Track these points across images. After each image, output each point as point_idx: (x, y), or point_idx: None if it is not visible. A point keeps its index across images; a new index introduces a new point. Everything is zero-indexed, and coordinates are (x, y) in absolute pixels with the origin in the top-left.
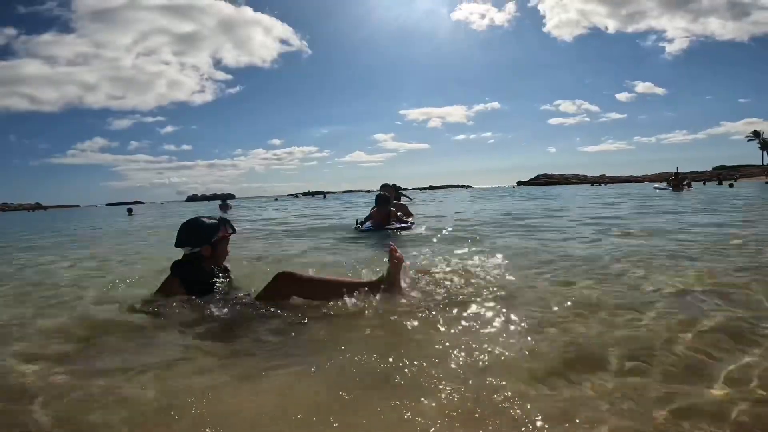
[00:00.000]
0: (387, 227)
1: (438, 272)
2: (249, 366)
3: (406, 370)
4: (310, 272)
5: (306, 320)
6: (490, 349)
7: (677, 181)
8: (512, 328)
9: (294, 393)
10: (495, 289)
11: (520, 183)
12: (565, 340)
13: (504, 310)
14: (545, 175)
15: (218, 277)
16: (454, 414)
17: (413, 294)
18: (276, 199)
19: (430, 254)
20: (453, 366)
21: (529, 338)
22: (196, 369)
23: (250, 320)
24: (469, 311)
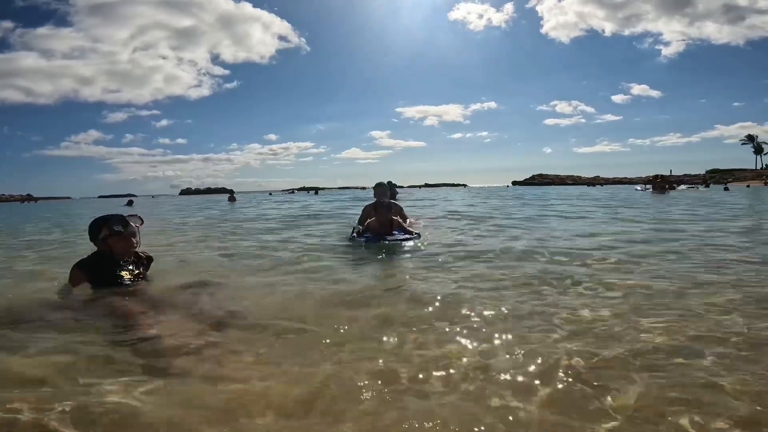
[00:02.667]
0: (389, 238)
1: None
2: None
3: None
4: None
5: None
6: None
7: (660, 183)
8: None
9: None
10: None
11: (515, 183)
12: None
13: None
14: (540, 176)
15: (127, 270)
16: None
17: None
18: (270, 194)
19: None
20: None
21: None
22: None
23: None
24: None
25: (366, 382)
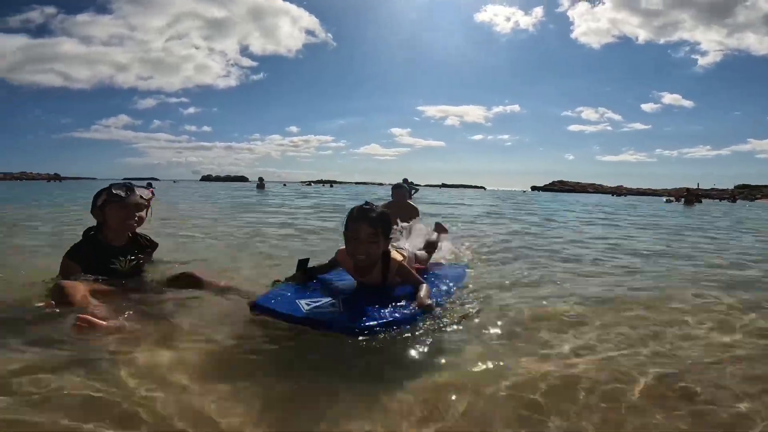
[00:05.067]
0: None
1: None
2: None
3: None
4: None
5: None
6: None
7: (690, 196)
8: None
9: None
10: None
11: (534, 188)
12: None
13: None
14: (560, 182)
15: (121, 259)
16: None
17: None
18: (285, 185)
19: None
20: None
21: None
22: None
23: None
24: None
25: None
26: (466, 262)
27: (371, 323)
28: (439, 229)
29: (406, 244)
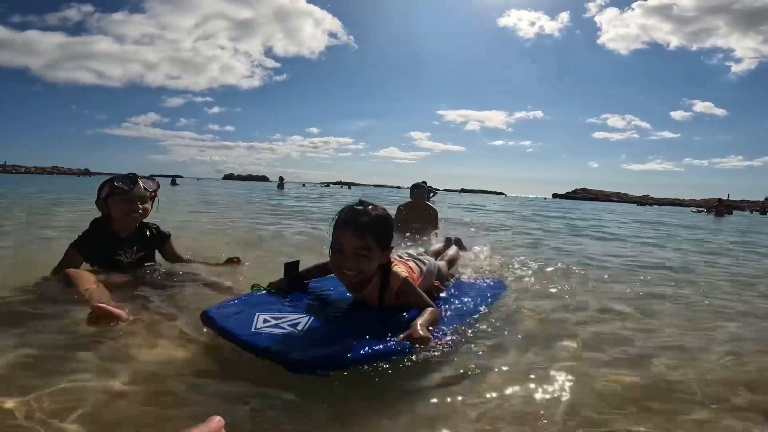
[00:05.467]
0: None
1: None
2: None
3: None
4: None
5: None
6: None
7: (721, 207)
8: None
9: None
10: None
11: (555, 195)
12: None
13: None
14: (583, 190)
15: (126, 252)
16: None
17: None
18: (304, 185)
19: None
20: None
21: None
22: None
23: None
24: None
25: None
26: (502, 275)
27: (319, 357)
28: (458, 245)
29: (426, 255)
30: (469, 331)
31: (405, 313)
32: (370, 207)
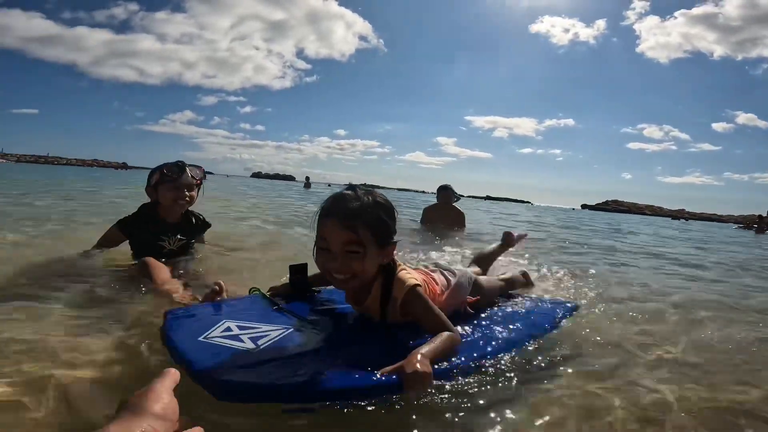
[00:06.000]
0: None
1: None
2: None
3: None
4: None
5: None
6: None
7: (762, 224)
8: None
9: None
10: None
11: (584, 206)
12: None
13: None
14: (615, 202)
15: (169, 238)
16: None
17: None
18: (329, 186)
19: None
20: None
21: None
22: None
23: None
24: None
25: None
26: (570, 298)
27: (257, 385)
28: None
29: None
30: (502, 366)
31: (410, 336)
32: (361, 191)
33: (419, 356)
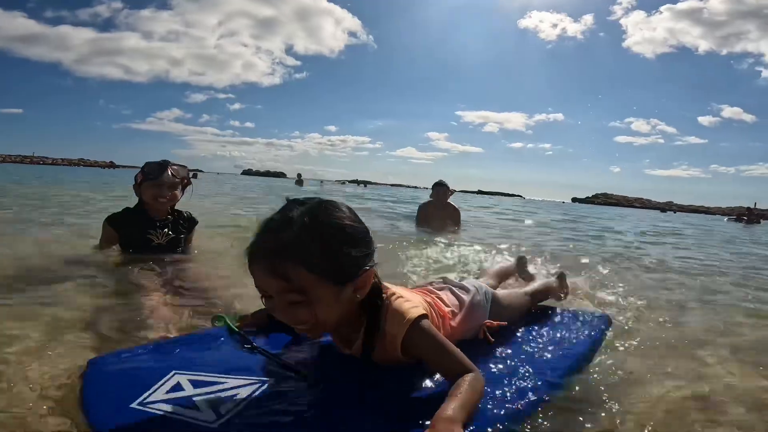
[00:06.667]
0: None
1: None
2: None
3: None
4: None
5: None
6: None
7: (752, 216)
8: None
9: None
10: None
11: (575, 200)
12: None
13: None
14: (604, 195)
15: (157, 233)
16: None
17: None
18: (322, 183)
19: None
20: None
21: None
22: None
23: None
24: None
25: None
26: (603, 311)
27: None
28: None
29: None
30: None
31: (428, 381)
32: (299, 210)
33: (448, 422)
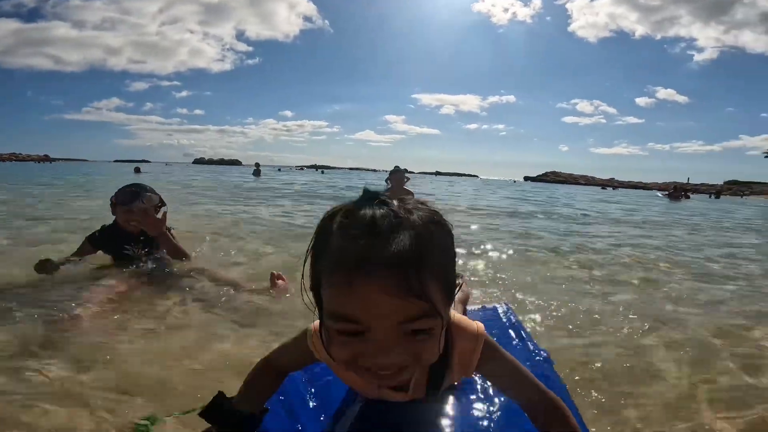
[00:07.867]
0: None
1: None
2: None
3: None
4: None
5: None
6: None
7: (676, 192)
8: None
9: None
10: None
11: (527, 178)
12: None
13: None
14: (553, 173)
15: (132, 247)
16: None
17: None
18: (279, 169)
19: None
20: None
21: None
22: None
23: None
24: None
25: None
26: (500, 300)
27: None
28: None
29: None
30: None
31: (487, 410)
32: (405, 206)
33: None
